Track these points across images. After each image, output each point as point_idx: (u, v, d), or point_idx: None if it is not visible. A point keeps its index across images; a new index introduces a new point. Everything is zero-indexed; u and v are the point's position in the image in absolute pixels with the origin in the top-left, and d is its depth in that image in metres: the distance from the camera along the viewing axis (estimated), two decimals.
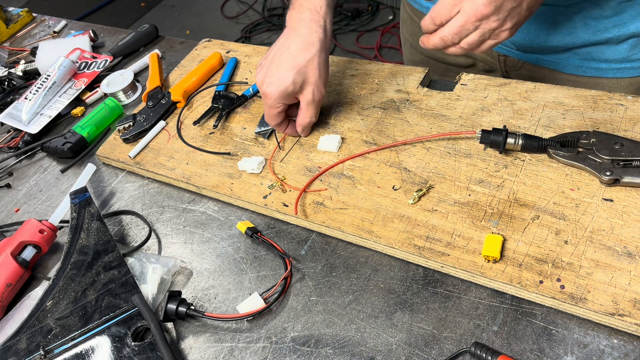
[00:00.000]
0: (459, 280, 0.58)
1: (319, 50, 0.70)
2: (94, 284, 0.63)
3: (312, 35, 0.70)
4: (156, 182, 0.80)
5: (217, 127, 0.83)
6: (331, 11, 0.73)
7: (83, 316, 0.60)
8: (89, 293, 0.62)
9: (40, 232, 0.71)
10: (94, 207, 0.71)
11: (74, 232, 0.68)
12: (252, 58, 0.95)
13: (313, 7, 0.71)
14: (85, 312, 0.60)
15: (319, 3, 0.72)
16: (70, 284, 0.63)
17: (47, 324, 0.60)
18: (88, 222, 0.69)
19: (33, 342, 0.59)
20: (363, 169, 0.70)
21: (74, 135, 0.89)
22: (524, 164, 0.65)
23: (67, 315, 0.60)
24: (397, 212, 0.64)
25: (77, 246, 0.66)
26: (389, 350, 0.54)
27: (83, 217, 0.70)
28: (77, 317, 0.60)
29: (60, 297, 0.62)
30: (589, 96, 0.69)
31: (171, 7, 3.52)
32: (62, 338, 0.58)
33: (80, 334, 0.59)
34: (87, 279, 0.63)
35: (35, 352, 0.58)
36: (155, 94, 0.91)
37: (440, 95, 0.76)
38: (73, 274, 0.64)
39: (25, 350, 0.58)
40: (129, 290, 0.62)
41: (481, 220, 0.60)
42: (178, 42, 1.10)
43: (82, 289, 0.62)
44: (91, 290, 0.62)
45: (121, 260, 0.65)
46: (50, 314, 0.60)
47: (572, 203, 0.59)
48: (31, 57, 1.16)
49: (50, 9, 3.60)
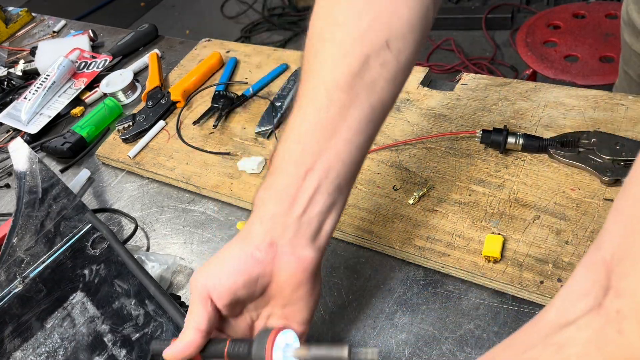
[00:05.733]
0: (459, 280, 0.58)
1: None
2: (49, 215, 0.71)
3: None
4: (156, 182, 0.80)
5: (216, 127, 0.82)
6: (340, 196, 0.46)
7: (47, 242, 0.69)
8: (47, 223, 0.70)
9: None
10: (32, 153, 0.78)
11: (19, 178, 0.76)
12: (252, 58, 0.95)
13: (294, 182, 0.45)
14: (47, 239, 0.69)
15: (324, 166, 0.44)
16: (29, 219, 0.71)
17: (18, 256, 0.68)
18: (29, 165, 0.76)
19: (10, 273, 0.67)
20: (363, 169, 0.69)
21: (73, 135, 0.89)
22: (525, 164, 0.65)
23: (32, 245, 0.69)
24: (397, 212, 0.63)
25: (25, 188, 0.74)
26: (389, 351, 0.54)
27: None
28: (42, 245, 0.69)
29: (23, 233, 0.70)
30: (590, 96, 0.69)
31: (171, 7, 3.52)
32: (33, 264, 0.67)
33: (47, 256, 0.67)
34: (42, 213, 0.71)
35: (14, 280, 0.66)
36: (155, 93, 0.91)
37: (440, 95, 0.76)
38: (29, 212, 0.72)
39: (5, 281, 0.66)
40: (80, 212, 0.70)
41: (482, 221, 0.60)
42: (178, 42, 1.10)
43: (40, 221, 0.71)
44: (47, 220, 0.71)
45: (67, 190, 0.73)
46: (19, 247, 0.69)
47: (573, 203, 0.59)
48: (30, 57, 1.16)
49: (49, 9, 3.59)
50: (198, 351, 0.45)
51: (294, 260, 0.44)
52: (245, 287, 0.45)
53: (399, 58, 0.46)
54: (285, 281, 0.45)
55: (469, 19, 2.59)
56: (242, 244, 0.46)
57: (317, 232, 0.45)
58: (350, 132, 0.45)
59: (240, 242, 0.46)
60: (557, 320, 0.33)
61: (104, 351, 0.57)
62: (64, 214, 0.71)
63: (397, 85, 0.47)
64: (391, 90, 0.47)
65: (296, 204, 0.44)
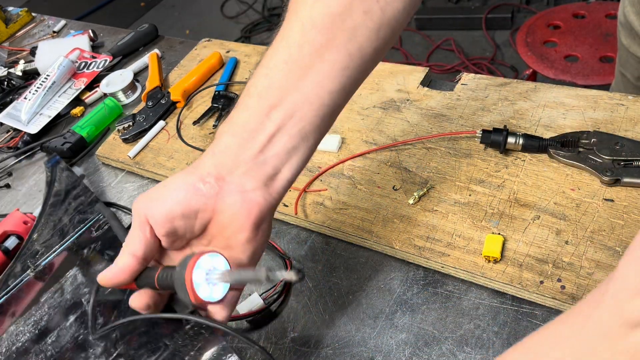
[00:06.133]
0: (459, 280, 0.58)
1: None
2: (67, 212, 0.74)
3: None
4: (156, 182, 0.80)
5: (216, 127, 0.82)
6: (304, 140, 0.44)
7: (61, 235, 0.71)
8: (64, 218, 0.73)
9: (25, 224, 0.74)
10: (62, 162, 0.82)
11: (49, 184, 0.78)
12: (252, 58, 0.95)
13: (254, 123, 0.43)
14: (62, 232, 0.71)
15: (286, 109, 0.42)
16: (49, 217, 0.74)
17: (35, 249, 0.70)
18: (59, 174, 0.80)
19: (25, 264, 0.69)
20: (363, 169, 0.70)
21: (73, 135, 0.89)
22: (525, 164, 0.65)
23: (48, 238, 0.71)
24: (397, 212, 0.63)
25: (53, 192, 0.77)
26: (389, 351, 0.54)
27: (55, 172, 0.80)
28: (56, 237, 0.71)
29: (43, 229, 0.73)
30: (590, 96, 0.69)
31: (171, 7, 3.52)
32: (46, 254, 0.69)
33: (59, 246, 0.69)
34: (61, 211, 0.74)
35: (27, 269, 0.68)
36: (155, 93, 0.91)
37: (440, 95, 0.76)
38: (51, 211, 0.75)
39: (20, 272, 0.68)
40: (92, 205, 0.73)
41: (481, 221, 0.60)
42: (178, 42, 1.10)
43: (59, 218, 0.74)
44: (65, 216, 0.73)
45: (86, 189, 0.76)
46: (37, 242, 0.71)
47: (573, 203, 0.59)
48: (30, 57, 1.16)
49: (49, 9, 3.59)
50: (132, 277, 0.43)
51: (239, 201, 0.41)
52: (184, 219, 0.42)
53: (385, 9, 0.43)
54: (227, 221, 0.42)
55: (469, 19, 2.59)
56: (187, 174, 0.43)
57: (272, 176, 0.42)
58: (321, 75, 0.42)
59: (186, 172, 0.43)
60: (616, 320, 0.27)
61: (78, 309, 0.59)
62: (80, 209, 0.74)
63: (380, 39, 0.44)
64: (373, 42, 0.44)
65: (253, 141, 0.42)
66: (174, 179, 0.44)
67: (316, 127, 0.44)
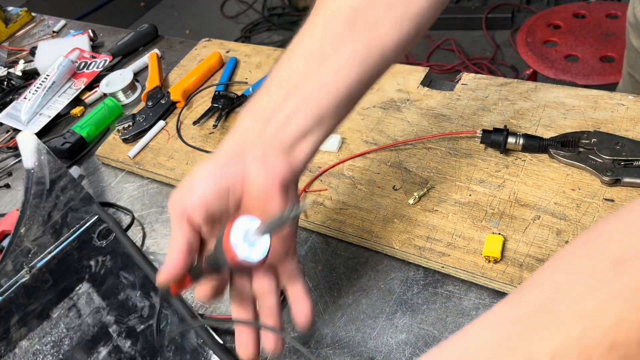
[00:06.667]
0: (459, 280, 0.58)
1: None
2: (56, 206, 0.72)
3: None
4: (156, 182, 0.80)
5: (216, 127, 0.82)
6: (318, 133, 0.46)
7: (54, 233, 0.70)
8: (54, 214, 0.72)
9: None
10: (40, 144, 0.79)
11: (27, 168, 0.76)
12: (252, 58, 0.95)
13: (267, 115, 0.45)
14: (54, 230, 0.70)
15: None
16: (36, 210, 0.72)
17: (26, 246, 0.69)
18: (37, 157, 0.77)
19: (17, 263, 0.68)
20: (363, 169, 0.70)
21: (73, 135, 0.89)
22: (525, 164, 0.64)
23: (40, 235, 0.70)
24: (397, 212, 0.63)
25: (33, 179, 0.75)
26: (389, 351, 0.54)
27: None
28: (48, 235, 0.70)
29: (31, 223, 0.71)
30: (590, 96, 0.69)
31: (171, 6, 3.52)
32: (40, 254, 0.68)
33: (54, 247, 0.69)
34: (49, 204, 0.73)
35: (21, 270, 0.67)
36: (155, 93, 0.91)
37: (440, 95, 0.76)
38: (36, 202, 0.73)
39: (12, 270, 0.67)
40: (87, 204, 0.72)
41: (482, 221, 0.60)
42: (178, 41, 1.10)
43: (47, 212, 0.72)
44: (55, 211, 0.72)
45: (75, 182, 0.74)
46: (26, 238, 0.70)
47: (573, 203, 0.59)
48: (30, 57, 1.16)
49: (49, 9, 3.59)
50: (183, 270, 0.44)
51: (263, 170, 0.43)
52: (217, 199, 0.43)
53: (409, 5, 0.45)
54: (256, 193, 0.44)
55: (469, 18, 2.59)
56: (212, 159, 0.45)
57: (292, 146, 0.44)
58: (339, 65, 0.44)
59: (210, 158, 0.45)
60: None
61: (109, 342, 0.58)
62: (71, 205, 0.72)
63: (402, 34, 0.46)
64: (394, 37, 0.45)
65: (272, 120, 0.44)
66: (199, 168, 0.45)
67: (332, 112, 0.45)
